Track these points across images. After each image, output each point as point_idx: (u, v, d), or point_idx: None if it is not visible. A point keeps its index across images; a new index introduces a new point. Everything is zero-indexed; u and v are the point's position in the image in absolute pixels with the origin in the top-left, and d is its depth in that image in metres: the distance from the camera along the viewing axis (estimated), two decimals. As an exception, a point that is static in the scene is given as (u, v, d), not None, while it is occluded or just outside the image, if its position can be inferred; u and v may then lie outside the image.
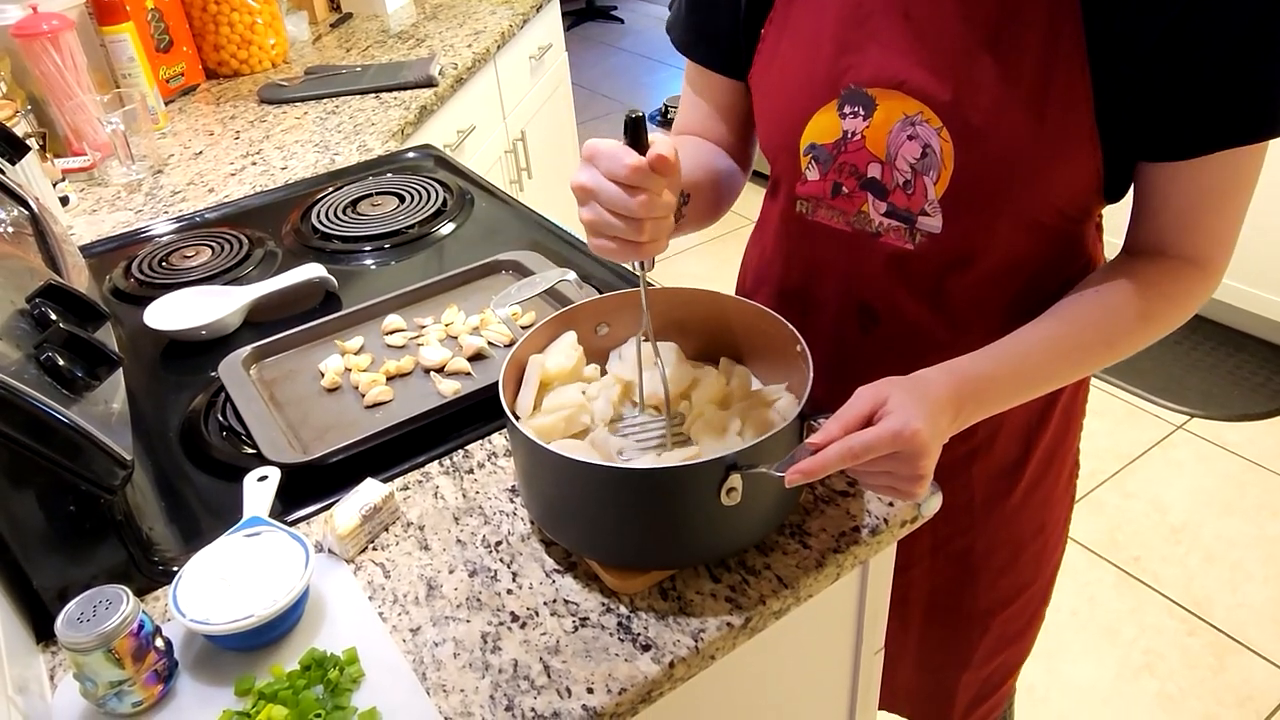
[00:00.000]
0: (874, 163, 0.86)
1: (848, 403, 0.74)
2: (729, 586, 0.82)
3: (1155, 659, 1.95)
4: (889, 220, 0.87)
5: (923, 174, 0.83)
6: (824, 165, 0.89)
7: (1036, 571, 1.09)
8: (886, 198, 0.86)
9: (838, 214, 0.91)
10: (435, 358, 1.10)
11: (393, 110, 1.92)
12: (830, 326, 0.97)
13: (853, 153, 0.87)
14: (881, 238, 0.89)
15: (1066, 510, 1.10)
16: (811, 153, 0.89)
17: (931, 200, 0.84)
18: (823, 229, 0.93)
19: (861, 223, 0.89)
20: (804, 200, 0.93)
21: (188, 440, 1.07)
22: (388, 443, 1.00)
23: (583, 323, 0.96)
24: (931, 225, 0.85)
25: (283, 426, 1.03)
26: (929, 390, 0.75)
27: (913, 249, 0.87)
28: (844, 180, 0.88)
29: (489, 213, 1.52)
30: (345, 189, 1.59)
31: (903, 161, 0.84)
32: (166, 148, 1.84)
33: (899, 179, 0.85)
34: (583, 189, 0.72)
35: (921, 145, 0.82)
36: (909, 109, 0.82)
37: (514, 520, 0.90)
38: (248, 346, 1.14)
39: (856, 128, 0.85)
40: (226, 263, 1.41)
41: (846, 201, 0.89)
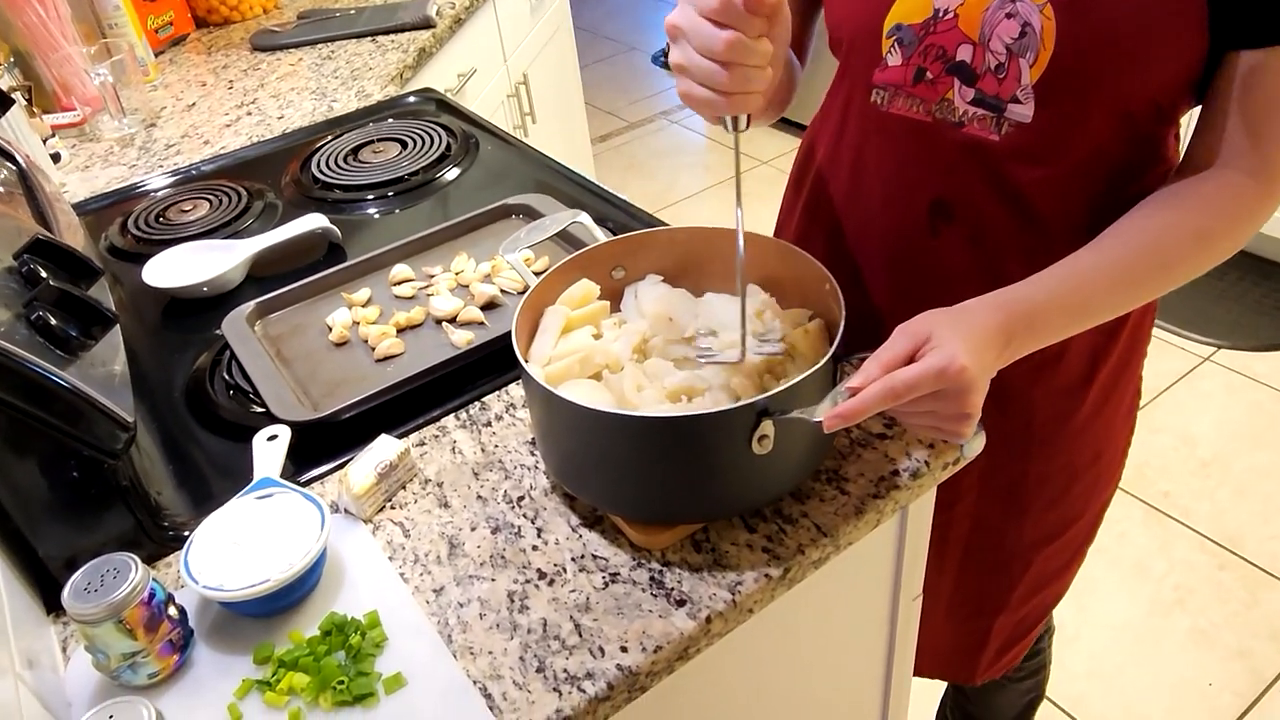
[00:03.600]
0: (965, 44, 0.80)
1: (887, 342, 0.70)
2: (765, 536, 0.78)
3: (1186, 594, 1.92)
4: (975, 109, 0.82)
5: (1018, 56, 0.77)
6: (908, 48, 0.83)
7: (1086, 504, 1.05)
8: (975, 83, 0.81)
9: (917, 103, 0.85)
10: (446, 308, 1.06)
11: (390, 54, 1.84)
12: (898, 227, 0.92)
13: (942, 33, 0.81)
14: (965, 128, 0.83)
15: (1126, 439, 1.05)
16: (896, 34, 0.83)
17: (1025, 86, 0.78)
18: (899, 120, 0.87)
19: (944, 112, 0.83)
20: (881, 89, 0.87)
21: (193, 401, 1.03)
22: (401, 397, 0.96)
23: (598, 266, 0.91)
24: (1021, 114, 0.79)
25: (291, 383, 0.99)
26: (975, 323, 0.70)
27: (998, 140, 0.81)
28: (929, 65, 0.83)
29: (495, 156, 1.47)
30: (345, 136, 1.53)
31: (998, 42, 0.78)
32: (158, 100, 1.78)
33: (991, 62, 0.79)
34: (674, 25, 0.66)
35: (1021, 23, 0.76)
36: None
37: (535, 474, 0.86)
38: (251, 302, 1.10)
39: (950, 5, 0.80)
40: (225, 216, 1.36)
41: (929, 88, 0.84)
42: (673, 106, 4.07)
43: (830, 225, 0.98)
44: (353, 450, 0.92)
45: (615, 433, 0.73)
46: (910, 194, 0.88)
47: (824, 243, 0.99)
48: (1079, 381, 0.95)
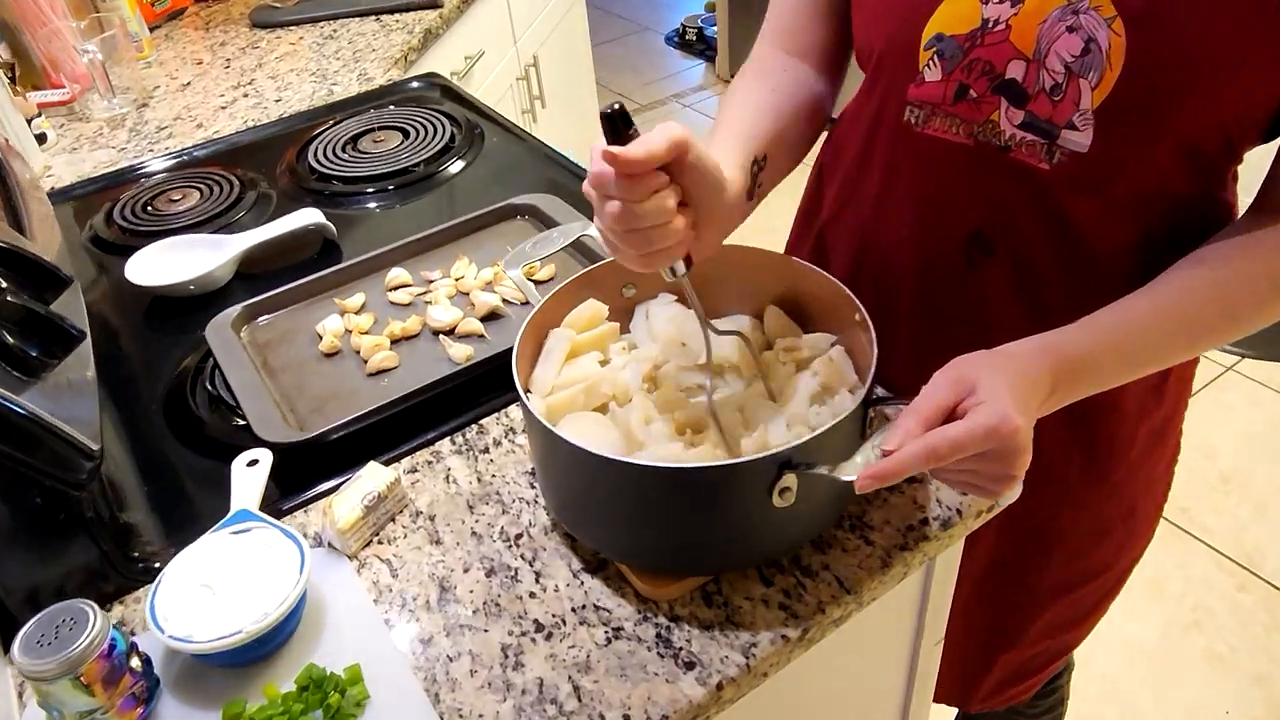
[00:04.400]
0: (1016, 60, 0.72)
1: (925, 390, 0.63)
2: (782, 591, 0.72)
3: (1204, 615, 1.86)
4: (1024, 133, 0.74)
5: (1079, 76, 0.69)
6: (949, 62, 0.75)
7: (1115, 558, 0.99)
8: (1025, 105, 0.73)
9: (957, 123, 0.77)
10: (444, 318, 0.99)
11: (395, 34, 1.77)
12: (930, 258, 0.84)
13: (991, 47, 0.73)
14: (1011, 153, 0.75)
15: (1163, 494, 0.99)
16: (936, 46, 0.75)
17: (1084, 110, 0.70)
18: (935, 142, 0.79)
19: (988, 134, 0.76)
20: (916, 106, 0.79)
21: (173, 411, 0.97)
22: (393, 416, 0.89)
23: (608, 283, 0.84)
24: (1077, 141, 0.71)
25: (276, 398, 0.93)
26: (1023, 371, 0.64)
27: (1048, 169, 0.74)
28: (973, 82, 0.74)
29: (501, 149, 1.39)
30: (344, 123, 1.46)
31: (1056, 59, 0.70)
32: (152, 78, 1.71)
33: (1046, 81, 0.71)
34: (588, 195, 0.64)
35: (1084, 39, 0.68)
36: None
37: (535, 509, 0.80)
38: (238, 305, 1.03)
39: (1001, 15, 0.71)
40: (216, 207, 1.29)
41: (972, 108, 0.75)
42: (686, 89, 3.98)
43: (852, 251, 0.91)
44: (340, 474, 0.86)
45: (621, 480, 0.67)
46: (946, 222, 0.81)
47: (845, 270, 0.92)
48: (1122, 437, 0.88)
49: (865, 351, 0.74)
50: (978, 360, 0.64)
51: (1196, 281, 0.69)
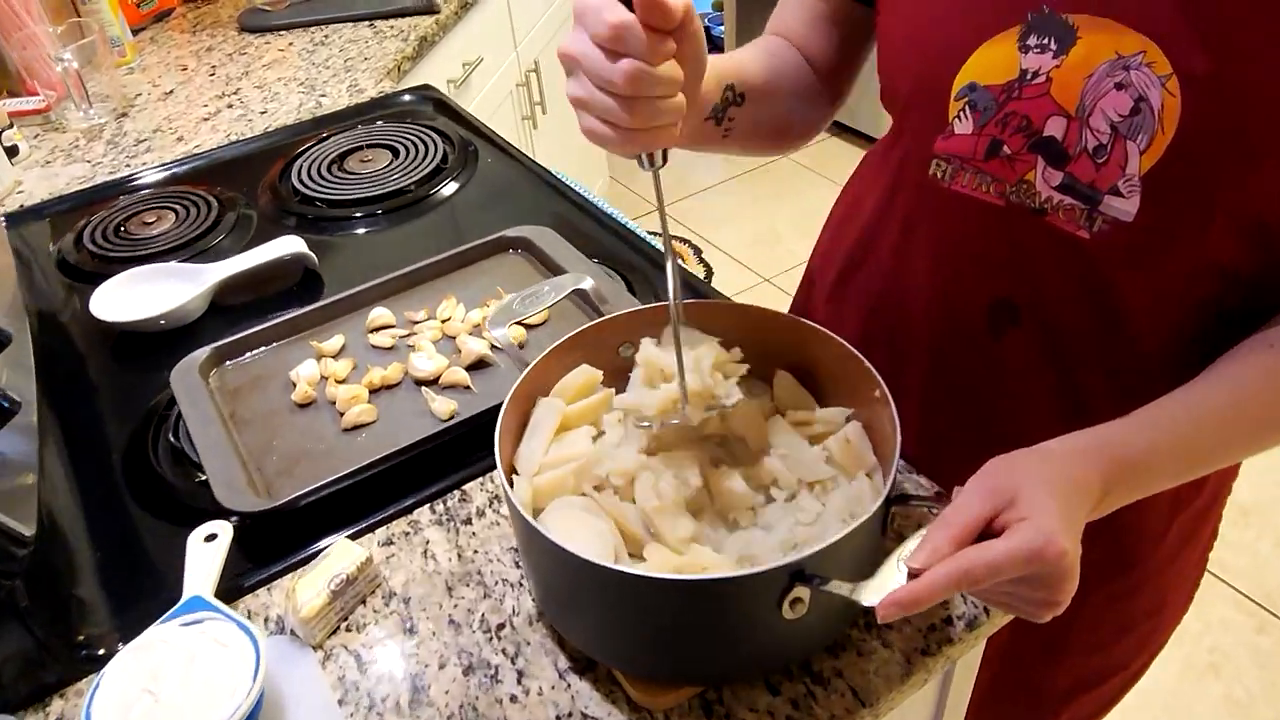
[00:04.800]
0: (1057, 116, 0.65)
1: (959, 499, 0.56)
2: (790, 701, 0.65)
3: (1222, 659, 1.79)
4: (1063, 196, 0.66)
5: (1127, 138, 0.62)
6: (982, 114, 0.68)
7: (1136, 654, 0.92)
8: (1065, 165, 0.65)
9: (988, 181, 0.70)
10: (427, 368, 0.92)
11: (388, 41, 1.69)
12: (950, 324, 0.77)
13: (1029, 100, 0.65)
14: (1046, 217, 0.68)
15: (1194, 586, 0.91)
16: (968, 96, 0.68)
17: (1130, 176, 0.63)
18: (962, 200, 0.71)
19: (1021, 195, 0.68)
20: (943, 160, 0.72)
21: (133, 464, 0.90)
22: (370, 479, 0.82)
23: (601, 342, 0.77)
24: (1122, 209, 0.64)
25: (244, 454, 0.86)
26: (1070, 477, 0.56)
27: (1088, 237, 0.66)
28: (1007, 137, 0.67)
29: (495, 171, 1.32)
30: (332, 139, 1.38)
31: (1101, 118, 0.63)
32: (134, 85, 1.63)
33: (1089, 142, 0.64)
34: (567, 55, 0.56)
35: (1134, 97, 0.61)
36: (1125, 46, 0.61)
37: (519, 594, 0.73)
38: (207, 348, 0.96)
39: (1042, 66, 0.64)
40: (192, 231, 1.22)
41: (1005, 166, 0.68)
42: (692, 90, 3.88)
43: (864, 311, 0.84)
44: (309, 544, 0.79)
45: (612, 588, 0.59)
46: (970, 287, 0.74)
47: (856, 330, 0.85)
48: (1151, 534, 0.81)
49: (886, 434, 0.67)
50: (1019, 465, 0.56)
51: (1265, 370, 0.62)
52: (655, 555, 0.64)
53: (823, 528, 0.66)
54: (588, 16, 0.53)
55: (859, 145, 3.31)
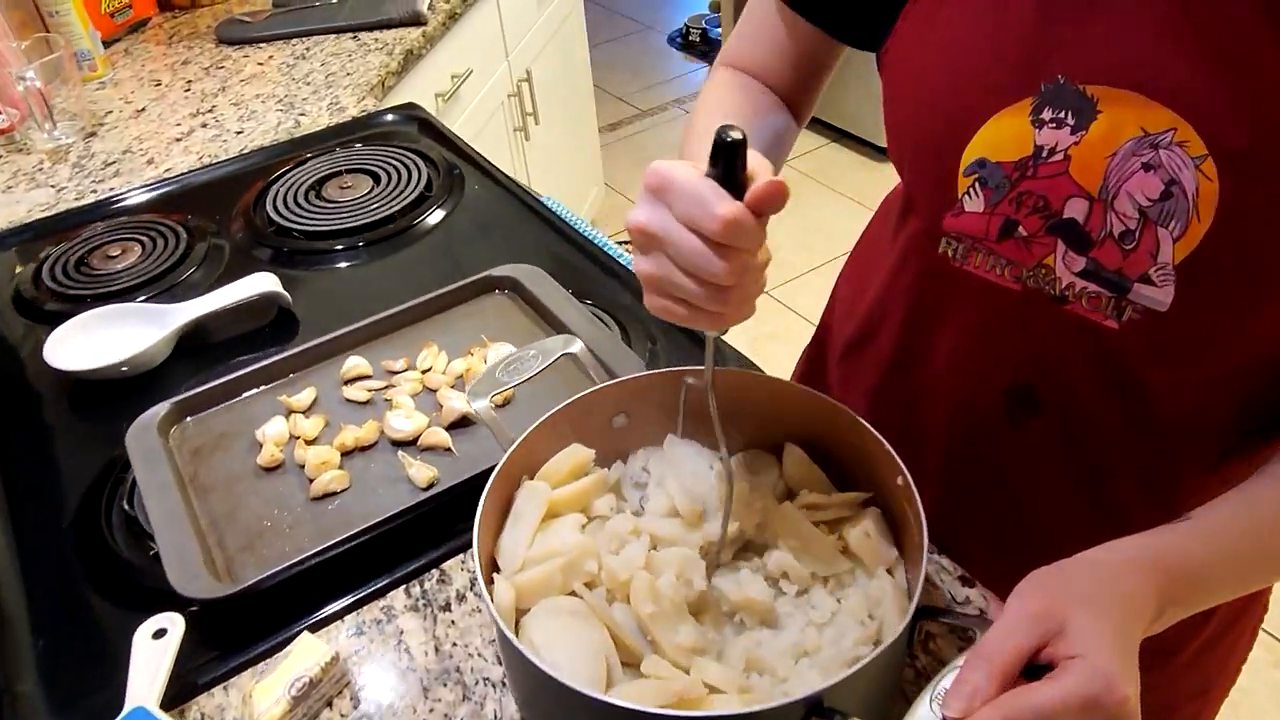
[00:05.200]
0: (1077, 198, 0.57)
1: (1000, 626, 0.49)
2: (803, 832, 0.58)
3: (1240, 696, 1.72)
4: (1086, 283, 0.60)
5: (1158, 224, 0.55)
6: (995, 193, 0.61)
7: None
8: (1088, 251, 0.58)
9: (1002, 264, 0.63)
10: (405, 428, 0.85)
11: (373, 55, 1.62)
12: (964, 410, 0.71)
13: (1045, 180, 0.58)
14: (1068, 305, 0.61)
15: (1240, 663, 0.85)
16: (978, 173, 0.61)
17: (1163, 265, 0.56)
18: (976, 282, 0.65)
19: (1040, 280, 0.62)
20: (953, 239, 0.65)
21: (85, 533, 0.82)
22: (340, 555, 0.75)
23: (592, 414, 0.70)
24: (1155, 299, 0.57)
25: (204, 526, 0.79)
26: (1124, 597, 0.50)
27: (1116, 327, 0.60)
28: (1023, 218, 0.60)
29: (482, 199, 1.25)
30: (309, 163, 1.31)
31: (1128, 202, 0.56)
32: (105, 101, 1.56)
33: (1115, 227, 0.57)
34: (645, 233, 0.51)
35: (1164, 181, 0.54)
36: (1152, 122, 0.53)
37: (501, 696, 0.66)
38: (167, 403, 0.89)
39: (1059, 143, 0.57)
40: (159, 265, 1.15)
41: (1020, 249, 0.61)
42: (688, 94, 3.82)
43: (869, 392, 0.77)
44: (270, 634, 0.72)
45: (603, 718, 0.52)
46: (985, 371, 0.67)
47: (865, 400, 0.78)
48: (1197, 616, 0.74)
49: (907, 524, 0.60)
50: (1067, 584, 0.49)
51: None
52: (654, 668, 0.57)
53: (839, 631, 0.60)
54: (680, 199, 0.48)
55: (860, 153, 3.24)
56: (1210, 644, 0.77)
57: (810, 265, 2.77)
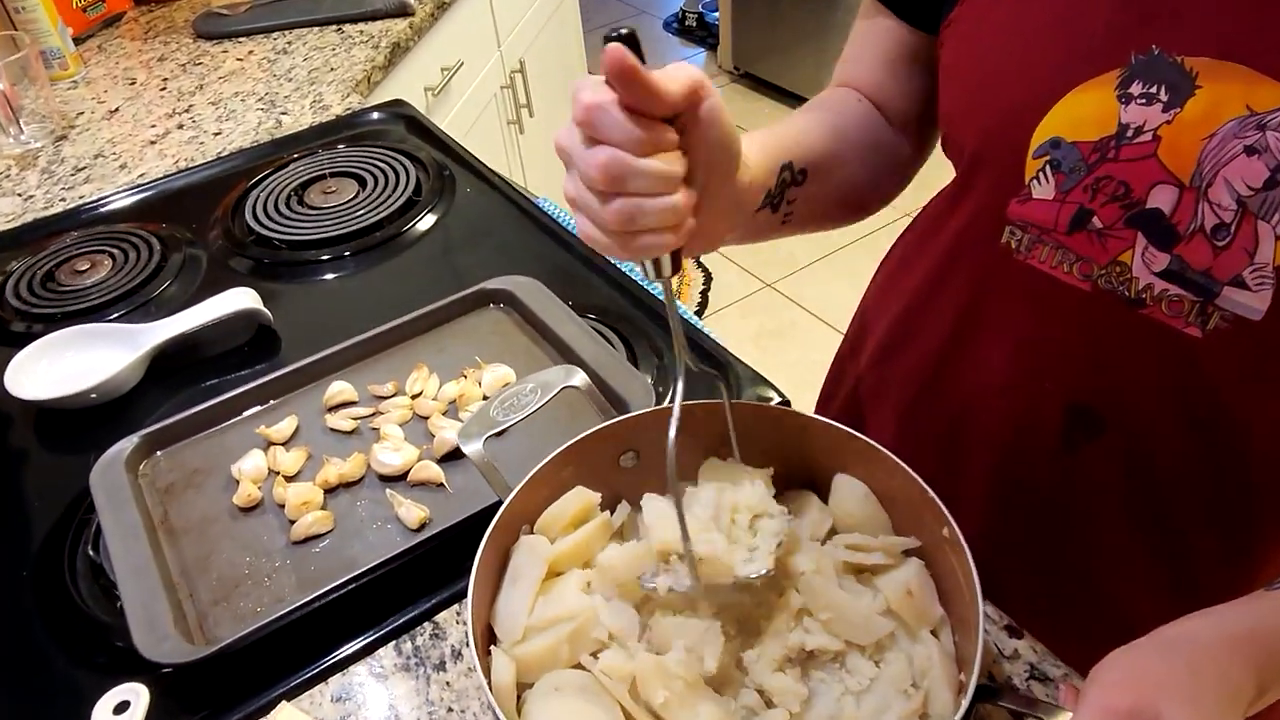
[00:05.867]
0: (1165, 185, 0.51)
1: (1082, 711, 0.42)
2: None
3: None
4: (1168, 284, 0.53)
5: (1259, 217, 0.48)
6: (1068, 177, 0.54)
7: None
8: (1173, 247, 0.52)
9: (1072, 259, 0.56)
10: (394, 462, 0.78)
11: (357, 49, 1.54)
12: (1015, 429, 0.64)
13: (1129, 163, 0.52)
14: (1145, 309, 0.54)
15: None
16: (1051, 153, 0.54)
17: (1261, 265, 0.49)
18: (1038, 277, 0.58)
19: (1114, 280, 0.55)
20: (1018, 228, 0.58)
21: (45, 585, 0.76)
22: (323, 609, 0.68)
23: (600, 452, 0.63)
24: (1248, 305, 0.50)
25: (174, 577, 0.72)
26: (1221, 681, 0.43)
27: (1200, 337, 0.53)
28: (1099, 206, 0.53)
29: (475, 202, 1.17)
30: (291, 167, 1.24)
31: (1225, 190, 0.49)
32: (77, 102, 1.48)
33: (1207, 219, 0.50)
34: (558, 146, 0.49)
35: (1270, 167, 0.47)
36: (1260, 99, 0.47)
37: (503, 771, 0.60)
38: (136, 436, 0.82)
39: (1148, 121, 0.50)
40: (131, 280, 1.08)
41: (1093, 243, 0.54)
42: (686, 80, 3.72)
43: (904, 405, 0.70)
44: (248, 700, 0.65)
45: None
46: (1041, 386, 0.60)
47: (891, 430, 0.71)
48: None
49: (956, 584, 0.53)
50: (1154, 672, 0.43)
51: None
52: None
53: (880, 703, 0.53)
54: (575, 102, 0.44)
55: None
56: None
57: (814, 256, 2.69)
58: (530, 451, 0.65)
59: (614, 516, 0.63)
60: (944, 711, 0.51)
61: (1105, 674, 0.44)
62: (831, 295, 2.55)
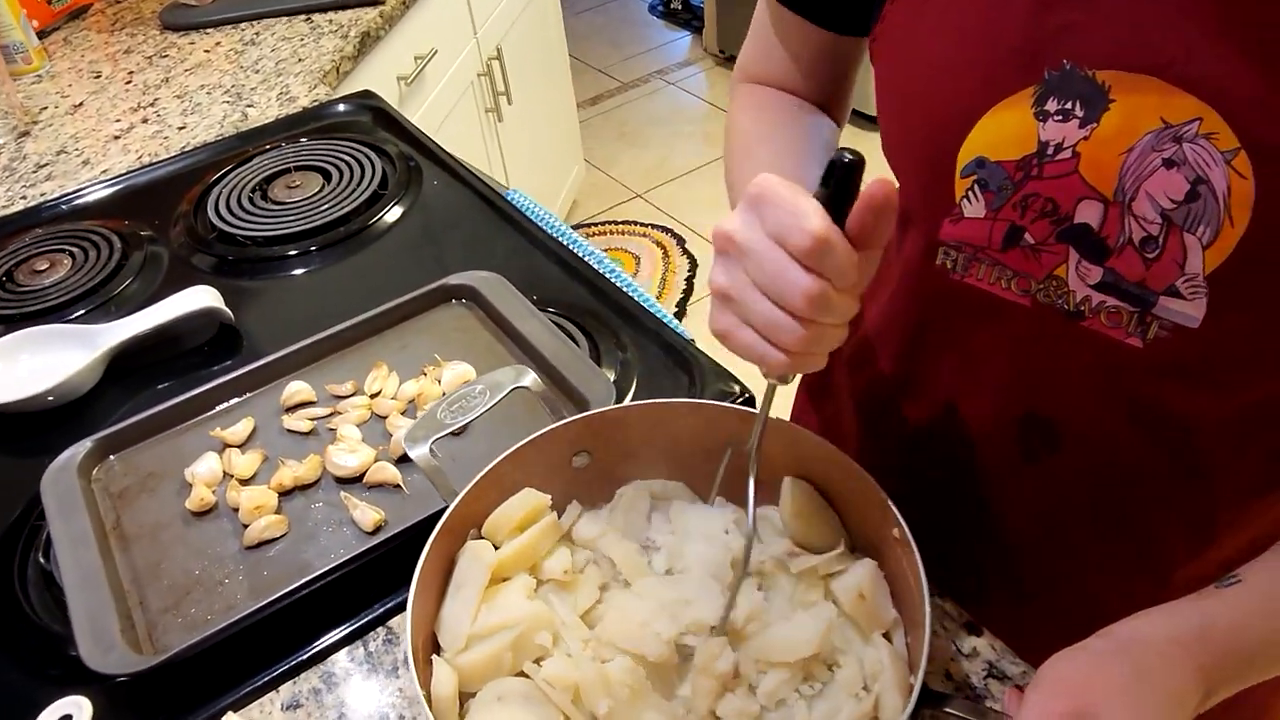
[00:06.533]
0: (1089, 200, 0.50)
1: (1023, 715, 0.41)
2: None
3: None
4: (1105, 297, 0.52)
5: (1184, 229, 0.47)
6: (997, 196, 0.53)
7: None
8: (1105, 260, 0.51)
9: (1009, 276, 0.55)
10: (349, 464, 0.77)
11: (326, 39, 1.51)
12: (974, 444, 0.63)
13: (1053, 180, 0.51)
14: (1085, 321, 0.53)
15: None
16: (977, 173, 0.53)
17: (1192, 275, 0.48)
18: (978, 296, 0.57)
19: (1052, 294, 0.54)
20: (951, 249, 0.57)
21: (-2, 593, 0.75)
22: (275, 615, 0.67)
23: (551, 453, 0.62)
24: (1184, 314, 0.49)
25: (124, 585, 0.71)
26: (1164, 688, 0.42)
27: (1141, 347, 0.52)
28: (1029, 224, 0.52)
29: (442, 194, 1.16)
30: (255, 160, 1.22)
31: (1148, 204, 0.48)
32: (40, 96, 1.46)
33: (1134, 233, 0.49)
34: (730, 240, 0.46)
35: (1189, 179, 0.46)
36: (1174, 111, 0.46)
37: (454, 779, 0.59)
38: (89, 440, 0.81)
39: (1066, 138, 0.49)
40: (91, 279, 1.06)
41: (1028, 259, 0.53)
42: (671, 64, 3.70)
43: (872, 414, 0.69)
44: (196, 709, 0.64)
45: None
46: (993, 401, 0.59)
47: (856, 441, 0.70)
48: None
49: (908, 586, 0.52)
50: (1096, 676, 0.42)
51: None
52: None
53: (831, 708, 0.53)
54: (778, 213, 0.42)
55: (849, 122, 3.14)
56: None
57: (800, 241, 2.68)
58: (490, 453, 0.64)
59: (564, 518, 0.61)
60: (894, 716, 0.50)
61: (1048, 677, 0.43)
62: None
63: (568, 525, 0.61)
